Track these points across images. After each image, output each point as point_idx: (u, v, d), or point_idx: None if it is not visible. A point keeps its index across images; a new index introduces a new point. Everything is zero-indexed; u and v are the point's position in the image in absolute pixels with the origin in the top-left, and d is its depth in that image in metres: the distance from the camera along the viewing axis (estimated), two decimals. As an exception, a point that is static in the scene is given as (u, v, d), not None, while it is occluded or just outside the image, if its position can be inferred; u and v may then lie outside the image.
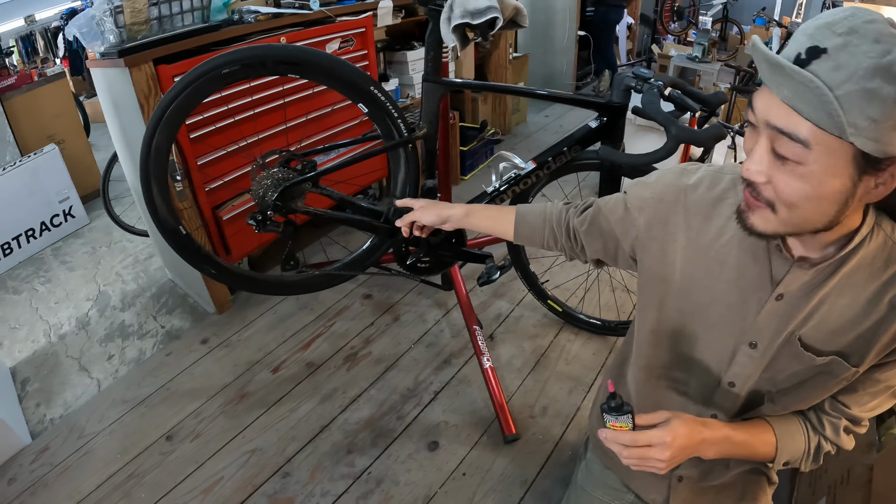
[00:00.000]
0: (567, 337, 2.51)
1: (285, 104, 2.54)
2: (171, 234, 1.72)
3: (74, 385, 2.45)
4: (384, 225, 1.80)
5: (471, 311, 2.30)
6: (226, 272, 1.86)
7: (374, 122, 1.72)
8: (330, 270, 1.96)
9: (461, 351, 2.41)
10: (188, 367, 2.42)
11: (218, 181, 2.43)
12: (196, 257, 1.79)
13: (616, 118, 1.84)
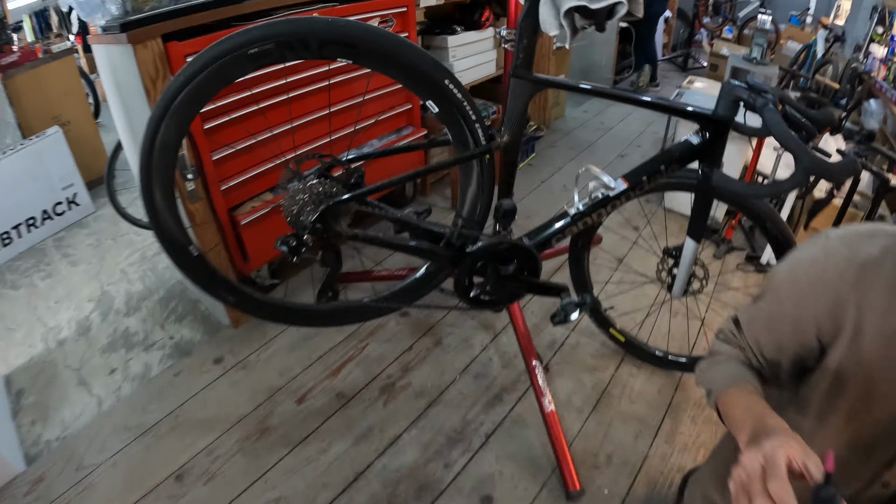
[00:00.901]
0: (629, 370, 2.09)
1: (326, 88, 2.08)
2: (180, 255, 1.29)
3: (73, 402, 2.04)
4: (447, 253, 1.37)
5: (529, 344, 1.87)
6: (247, 300, 1.43)
7: (445, 124, 1.27)
8: (374, 303, 1.52)
9: (514, 384, 1.99)
10: (200, 391, 2.00)
11: (236, 179, 1.98)
12: (210, 283, 1.37)
13: (719, 134, 1.44)
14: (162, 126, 1.11)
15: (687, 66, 6.03)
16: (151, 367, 2.16)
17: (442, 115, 1.24)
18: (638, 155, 3.83)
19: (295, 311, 1.50)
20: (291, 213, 1.24)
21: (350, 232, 1.25)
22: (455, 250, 1.37)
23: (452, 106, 1.22)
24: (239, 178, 1.99)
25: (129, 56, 1.68)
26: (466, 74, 2.96)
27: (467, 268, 1.42)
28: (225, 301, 1.41)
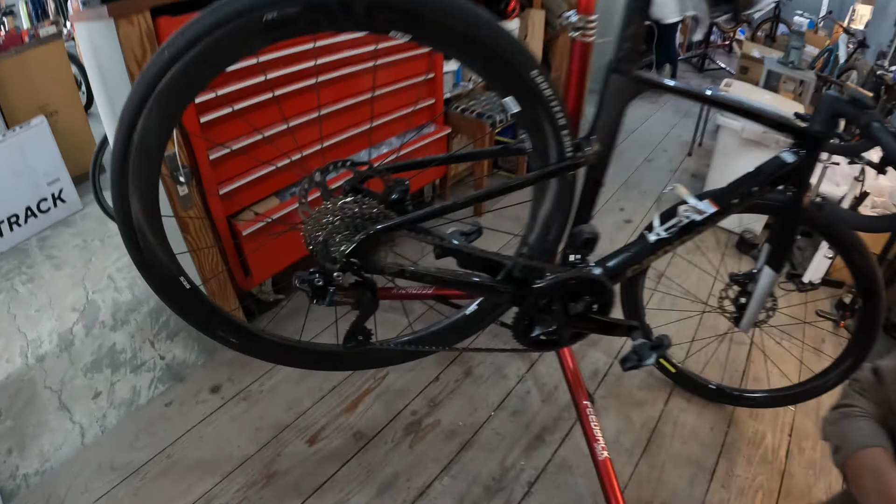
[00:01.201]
0: (679, 404, 1.77)
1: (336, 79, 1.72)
2: (167, 288, 0.95)
3: (53, 429, 1.70)
4: (510, 289, 1.03)
5: (579, 381, 1.53)
6: (255, 342, 1.09)
7: (525, 128, 0.92)
8: (411, 346, 1.18)
9: (556, 422, 1.66)
10: (195, 425, 1.65)
11: (237, 181, 1.63)
12: (208, 322, 1.03)
13: (814, 152, 1.18)
14: (141, 117, 0.76)
15: (704, 67, 5.65)
16: (140, 392, 1.82)
17: (523, 116, 0.89)
18: (665, 159, 3.50)
19: (315, 355, 1.16)
20: (316, 240, 0.89)
21: (394, 267, 0.90)
22: (519, 285, 1.04)
23: (538, 106, 0.88)
24: (240, 180, 1.63)
25: (110, 33, 1.33)
26: None
27: (532, 305, 1.09)
28: (227, 344, 1.07)
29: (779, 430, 1.79)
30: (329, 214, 0.90)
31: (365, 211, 0.89)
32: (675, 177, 3.31)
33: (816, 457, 1.73)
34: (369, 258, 0.88)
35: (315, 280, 0.88)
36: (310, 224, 0.92)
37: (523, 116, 0.89)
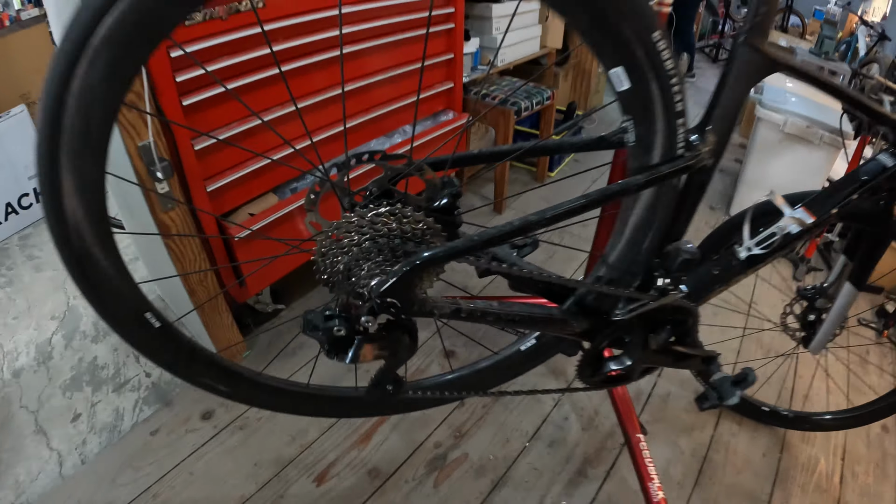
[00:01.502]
0: (729, 428, 1.51)
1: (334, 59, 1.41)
2: (129, 327, 0.66)
3: (29, 456, 1.41)
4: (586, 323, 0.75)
5: (630, 412, 1.25)
6: (248, 386, 0.80)
7: (630, 111, 0.63)
8: (447, 391, 0.88)
9: (599, 453, 1.38)
10: (184, 459, 1.35)
11: (228, 176, 1.33)
12: (186, 366, 0.73)
13: None
14: (77, 72, 0.45)
15: (718, 57, 5.32)
16: (123, 415, 1.52)
17: (632, 95, 0.59)
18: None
19: (328, 402, 0.87)
20: (334, 268, 0.60)
21: (447, 306, 0.61)
22: (594, 316, 0.75)
23: (654, 82, 0.58)
24: (232, 174, 1.32)
25: None
26: (509, 52, 2.27)
27: (609, 340, 0.81)
28: (215, 392, 0.78)
29: (832, 454, 1.54)
30: (353, 230, 0.61)
31: (407, 226, 0.59)
32: None
33: (870, 482, 1.49)
34: (413, 295, 0.58)
35: (335, 327, 0.58)
36: (325, 244, 0.63)
37: (632, 96, 0.60)
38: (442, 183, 0.69)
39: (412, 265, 0.55)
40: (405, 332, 0.65)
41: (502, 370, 0.92)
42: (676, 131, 0.65)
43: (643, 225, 0.75)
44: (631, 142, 0.66)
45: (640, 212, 0.74)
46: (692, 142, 0.70)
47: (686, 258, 0.78)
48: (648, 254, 0.79)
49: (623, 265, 0.79)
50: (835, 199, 0.94)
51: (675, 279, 0.82)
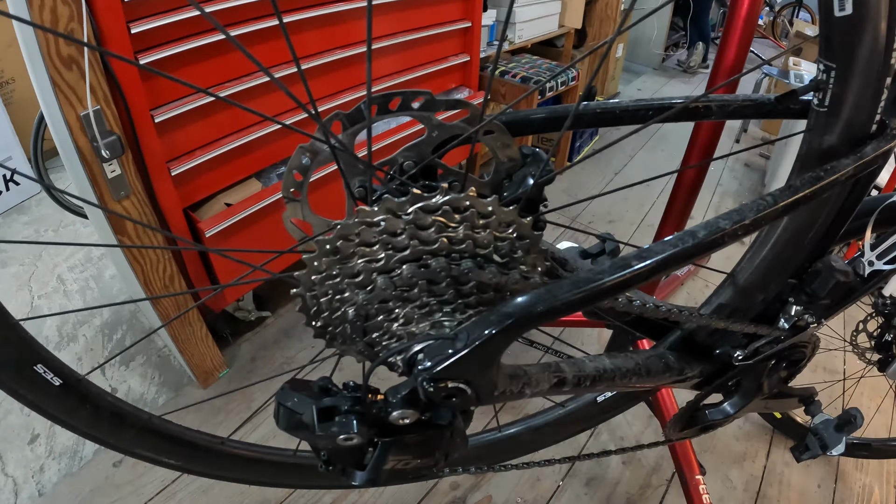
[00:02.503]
0: (782, 457, 1.24)
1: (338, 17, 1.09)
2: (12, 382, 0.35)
3: None
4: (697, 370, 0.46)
5: (687, 450, 0.96)
6: (206, 456, 0.51)
7: (834, 57, 0.34)
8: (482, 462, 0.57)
9: (643, 492, 1.08)
10: (149, 500, 1.04)
11: (198, 157, 1.00)
12: (113, 433, 0.44)
13: None
14: None
15: None
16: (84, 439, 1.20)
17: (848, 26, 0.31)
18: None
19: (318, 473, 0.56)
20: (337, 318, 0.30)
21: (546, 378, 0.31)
22: (705, 358, 0.47)
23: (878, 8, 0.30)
24: (204, 154, 1.00)
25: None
26: (527, 29, 1.94)
27: (727, 386, 0.52)
28: (161, 465, 0.49)
29: (885, 482, 1.30)
30: (378, 241, 0.30)
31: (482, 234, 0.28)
32: (728, 165, 2.70)
33: None
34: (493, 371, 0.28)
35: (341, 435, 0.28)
36: (319, 267, 0.32)
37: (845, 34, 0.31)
38: (523, 156, 0.38)
39: (508, 322, 0.25)
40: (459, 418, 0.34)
41: (570, 427, 0.62)
42: (880, 97, 0.37)
43: (800, 233, 0.46)
44: (823, 106, 0.36)
45: (800, 214, 0.45)
46: (884, 117, 0.41)
47: (840, 280, 0.49)
48: (792, 275, 0.50)
49: (758, 290, 0.50)
50: None
51: (822, 308, 0.53)
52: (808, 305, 0.54)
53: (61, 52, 0.77)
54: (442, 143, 0.36)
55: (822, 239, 0.51)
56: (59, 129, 0.86)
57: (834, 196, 0.46)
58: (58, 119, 0.83)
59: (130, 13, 0.85)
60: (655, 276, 0.29)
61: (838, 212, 0.50)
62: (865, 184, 0.49)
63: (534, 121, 0.45)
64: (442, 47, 1.39)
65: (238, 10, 0.96)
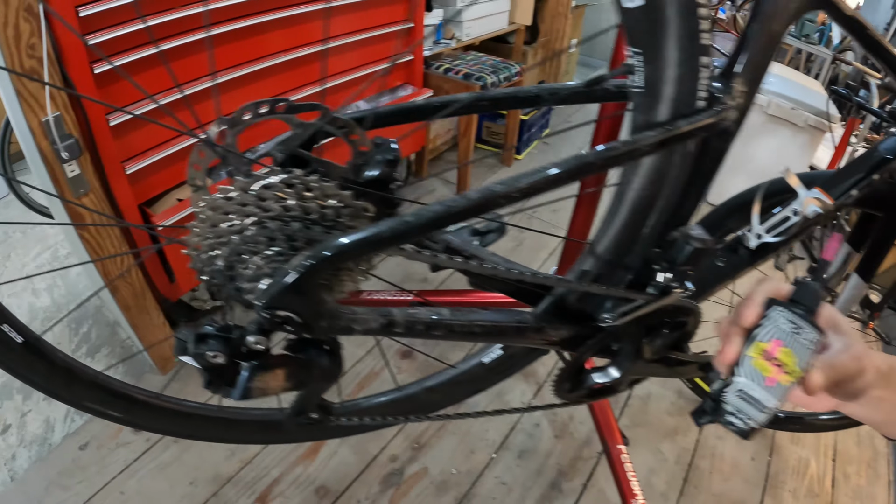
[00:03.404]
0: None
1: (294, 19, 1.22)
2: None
3: None
4: (563, 331, 0.59)
5: (610, 421, 1.10)
6: (144, 409, 0.63)
7: (641, 44, 0.45)
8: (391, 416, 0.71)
9: (574, 463, 1.23)
10: (115, 477, 1.16)
11: (151, 156, 1.12)
12: (66, 387, 0.58)
13: None
14: None
15: None
16: (54, 426, 1.33)
17: (643, 16, 0.43)
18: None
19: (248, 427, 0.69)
20: (212, 265, 0.43)
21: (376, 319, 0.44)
22: (576, 322, 0.59)
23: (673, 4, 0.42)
24: (156, 154, 1.12)
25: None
26: (475, 26, 2.07)
27: (597, 350, 0.65)
28: (106, 417, 0.62)
29: (822, 456, 1.43)
30: (236, 211, 0.43)
31: (312, 203, 0.42)
32: None
33: (862, 483, 1.39)
34: (321, 304, 0.41)
35: (211, 353, 0.41)
36: (199, 230, 0.45)
37: (645, 17, 0.43)
38: (374, 146, 0.51)
39: (316, 260, 0.38)
40: (322, 354, 0.47)
41: (460, 387, 0.75)
42: (699, 75, 0.48)
43: (645, 204, 0.58)
44: (638, 87, 0.49)
45: (642, 186, 0.56)
46: (715, 92, 0.53)
47: (697, 248, 0.60)
48: (649, 242, 0.62)
49: (616, 256, 0.62)
50: (854, 181, 0.79)
51: (681, 274, 0.66)
52: (670, 272, 0.67)
53: (24, 64, 0.90)
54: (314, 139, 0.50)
55: (679, 209, 0.64)
56: (23, 134, 0.98)
57: (675, 169, 0.56)
58: (22, 125, 0.95)
59: (85, 27, 0.98)
60: (434, 229, 0.41)
61: (691, 184, 0.62)
62: (716, 158, 0.61)
63: (395, 114, 0.58)
64: (386, 47, 1.52)
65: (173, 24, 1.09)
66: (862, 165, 0.82)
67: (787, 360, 0.41)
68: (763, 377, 0.42)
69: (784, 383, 0.41)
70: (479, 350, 0.75)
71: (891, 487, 1.42)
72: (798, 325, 0.41)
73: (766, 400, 0.42)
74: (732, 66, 0.53)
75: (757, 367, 0.42)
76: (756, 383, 0.42)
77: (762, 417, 0.43)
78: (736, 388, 0.43)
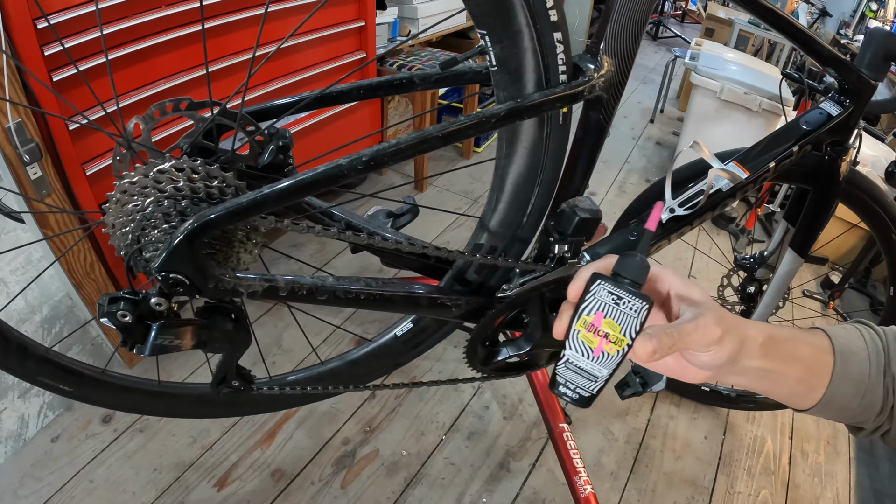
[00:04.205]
0: (667, 411, 1.46)
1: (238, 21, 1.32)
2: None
3: None
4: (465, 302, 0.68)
5: (552, 400, 1.20)
6: (91, 384, 0.73)
7: (487, 25, 0.52)
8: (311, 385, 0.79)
9: (523, 444, 1.32)
10: (84, 467, 1.26)
11: (108, 159, 1.22)
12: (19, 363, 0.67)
13: (861, 102, 0.91)
14: None
15: (658, 34, 5.41)
16: (28, 421, 1.42)
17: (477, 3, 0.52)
18: (626, 126, 3.17)
19: (185, 401, 0.79)
20: (123, 239, 0.53)
21: (257, 284, 0.54)
22: (475, 293, 0.69)
23: None
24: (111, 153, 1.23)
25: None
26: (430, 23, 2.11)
27: (496, 322, 0.74)
28: (57, 391, 0.71)
29: (779, 434, 1.51)
30: (139, 193, 0.53)
31: (202, 185, 0.51)
32: (639, 145, 2.99)
33: (821, 461, 1.47)
34: (205, 269, 0.51)
35: (117, 311, 0.51)
36: (113, 211, 0.55)
37: (482, 5, 0.51)
38: (269, 136, 0.61)
39: (188, 230, 0.47)
40: (226, 319, 0.57)
41: (379, 360, 0.84)
42: (554, 50, 0.55)
43: (526, 178, 0.65)
44: (492, 66, 0.57)
45: (520, 161, 0.64)
46: (581, 66, 0.61)
47: (585, 217, 0.66)
48: (538, 215, 0.70)
49: (507, 230, 0.70)
50: (773, 153, 0.87)
51: (574, 244, 0.74)
52: (563, 243, 0.71)
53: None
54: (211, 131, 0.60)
55: (567, 181, 0.71)
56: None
57: (553, 144, 0.62)
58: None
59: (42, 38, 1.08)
60: (289, 199, 0.50)
61: (576, 157, 0.70)
62: (598, 131, 0.68)
63: (281, 107, 0.67)
64: (339, 46, 1.63)
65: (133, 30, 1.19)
66: (782, 138, 0.90)
67: (612, 331, 0.43)
68: (590, 349, 0.44)
69: (611, 353, 0.44)
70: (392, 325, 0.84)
71: (851, 465, 1.50)
72: (619, 296, 0.43)
73: (595, 370, 0.45)
74: (599, 43, 0.62)
75: (583, 340, 0.44)
76: (583, 355, 0.45)
77: (594, 386, 0.47)
78: (565, 359, 0.46)
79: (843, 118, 0.90)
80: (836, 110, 0.90)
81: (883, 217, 1.10)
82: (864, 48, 0.90)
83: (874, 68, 0.88)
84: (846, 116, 0.90)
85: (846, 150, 0.97)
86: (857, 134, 0.97)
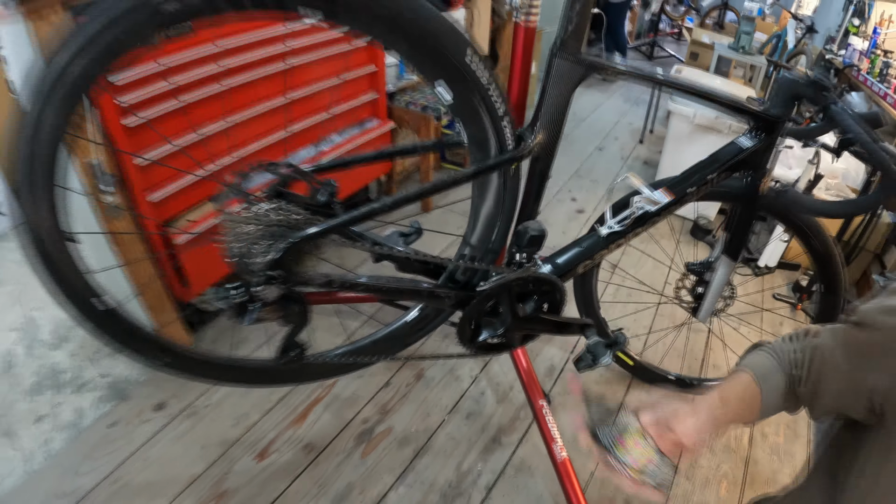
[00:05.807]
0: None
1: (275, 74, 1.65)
2: (78, 308, 0.89)
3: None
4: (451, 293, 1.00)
5: (534, 381, 1.50)
6: (184, 359, 1.03)
7: (459, 117, 0.90)
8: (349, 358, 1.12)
9: (513, 423, 1.63)
10: (141, 446, 1.57)
11: (166, 187, 1.55)
12: (131, 343, 0.95)
13: (773, 136, 1.19)
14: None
15: (653, 54, 5.73)
16: (84, 413, 1.73)
17: (457, 104, 0.85)
18: (616, 147, 3.50)
19: (250, 372, 1.09)
20: (235, 253, 0.84)
21: (321, 277, 0.85)
22: (461, 289, 1.00)
23: (474, 93, 0.83)
24: (170, 185, 1.55)
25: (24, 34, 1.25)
26: None
27: (477, 309, 1.05)
28: (156, 364, 1.01)
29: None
30: (248, 223, 0.84)
31: (287, 218, 0.83)
32: (628, 164, 3.32)
33: (780, 441, 1.74)
34: (293, 269, 0.82)
35: (235, 297, 0.82)
36: (229, 235, 0.87)
37: (457, 105, 0.85)
38: (321, 184, 0.93)
39: (288, 244, 0.79)
40: (294, 301, 0.89)
41: (395, 339, 1.16)
42: (503, 130, 0.89)
43: (493, 210, 1.00)
44: (467, 142, 0.91)
45: (489, 200, 0.99)
46: (522, 137, 0.94)
47: (534, 235, 1.01)
48: (502, 234, 1.04)
49: (483, 244, 1.04)
50: (693, 180, 1.17)
51: (528, 253, 1.06)
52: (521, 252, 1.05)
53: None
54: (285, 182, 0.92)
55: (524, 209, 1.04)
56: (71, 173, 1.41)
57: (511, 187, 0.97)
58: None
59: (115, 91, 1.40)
60: (350, 224, 0.82)
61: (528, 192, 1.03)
62: (541, 176, 1.02)
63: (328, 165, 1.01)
64: (354, 88, 1.97)
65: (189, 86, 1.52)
66: (704, 167, 1.18)
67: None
68: None
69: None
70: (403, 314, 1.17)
71: (809, 446, 1.77)
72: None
73: None
74: (536, 119, 0.96)
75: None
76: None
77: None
78: None
79: (755, 148, 1.20)
80: (748, 143, 1.19)
81: (801, 226, 1.41)
82: (775, 93, 1.19)
83: (783, 107, 1.18)
84: (757, 148, 1.20)
85: (763, 173, 1.28)
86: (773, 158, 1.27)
